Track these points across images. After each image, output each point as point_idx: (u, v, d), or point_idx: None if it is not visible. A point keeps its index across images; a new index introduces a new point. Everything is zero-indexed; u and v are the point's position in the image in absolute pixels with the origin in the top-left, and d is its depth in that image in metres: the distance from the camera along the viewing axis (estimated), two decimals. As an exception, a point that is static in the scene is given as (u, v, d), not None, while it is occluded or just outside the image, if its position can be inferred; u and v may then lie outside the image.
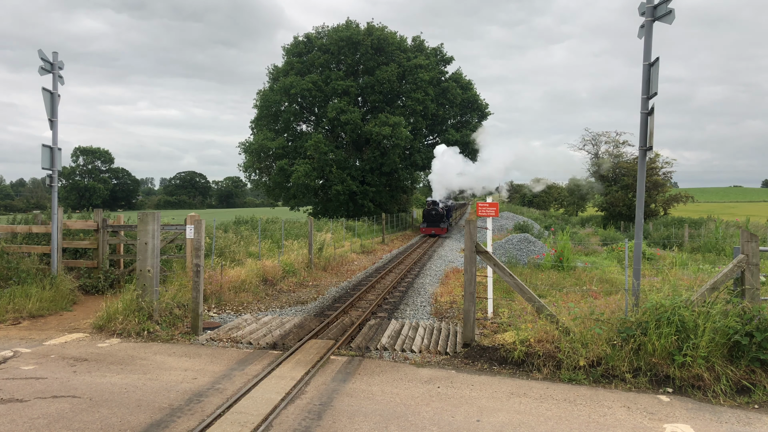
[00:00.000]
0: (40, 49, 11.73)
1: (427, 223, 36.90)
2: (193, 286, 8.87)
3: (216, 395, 6.19)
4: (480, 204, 10.44)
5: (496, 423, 5.53)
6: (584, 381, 6.80)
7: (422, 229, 37.14)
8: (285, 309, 11.59)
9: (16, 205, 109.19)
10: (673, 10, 7.15)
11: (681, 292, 7.31)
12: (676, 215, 48.18)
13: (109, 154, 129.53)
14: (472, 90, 46.09)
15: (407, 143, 40.57)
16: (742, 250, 7.21)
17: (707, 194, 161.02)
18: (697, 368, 6.50)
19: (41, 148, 11.46)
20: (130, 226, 13.01)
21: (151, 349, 8.12)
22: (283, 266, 15.29)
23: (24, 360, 7.42)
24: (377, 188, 42.58)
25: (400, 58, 42.24)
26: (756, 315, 6.57)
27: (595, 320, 7.39)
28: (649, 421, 5.65)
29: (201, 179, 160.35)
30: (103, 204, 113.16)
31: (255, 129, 44.94)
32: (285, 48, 44.52)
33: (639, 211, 7.80)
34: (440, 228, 36.37)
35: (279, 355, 7.91)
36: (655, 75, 7.41)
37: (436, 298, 12.97)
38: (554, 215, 58.65)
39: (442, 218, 36.66)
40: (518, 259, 19.04)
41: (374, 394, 6.28)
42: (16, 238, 12.67)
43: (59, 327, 9.38)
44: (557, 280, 14.39)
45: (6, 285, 10.79)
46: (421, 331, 9.37)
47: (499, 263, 8.21)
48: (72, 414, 5.55)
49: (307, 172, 38.63)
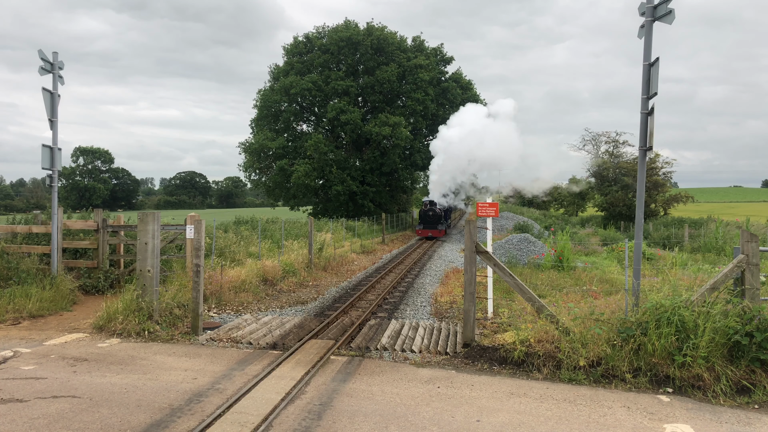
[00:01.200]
0: (40, 49, 11.74)
1: (423, 224, 34.14)
2: (193, 286, 8.87)
3: (216, 395, 6.19)
4: (480, 204, 10.44)
5: (496, 423, 5.53)
6: (584, 381, 6.80)
7: (418, 231, 34.29)
8: (285, 309, 11.59)
9: (16, 205, 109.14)
10: (673, 10, 7.15)
11: (681, 292, 7.30)
12: (676, 215, 48.20)
13: (109, 154, 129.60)
14: (472, 90, 46.13)
15: (407, 143, 40.56)
16: (742, 250, 7.21)
17: (707, 194, 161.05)
18: (697, 368, 6.50)
19: (41, 148, 11.45)
20: (130, 226, 13.02)
21: (151, 349, 8.12)
22: (283, 266, 15.29)
23: (24, 360, 7.42)
24: (377, 188, 42.59)
25: (400, 58, 42.25)
26: (756, 315, 6.56)
27: (595, 320, 7.39)
28: (649, 421, 5.65)
29: (201, 179, 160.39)
30: (103, 204, 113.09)
31: (255, 129, 44.96)
32: (285, 48, 44.55)
33: (639, 211, 7.80)
34: (438, 230, 33.60)
35: (279, 355, 7.91)
36: (655, 75, 7.41)
37: (436, 298, 12.97)
38: (554, 215, 58.61)
39: (439, 219, 33.92)
40: (518, 259, 19.04)
41: (374, 394, 6.28)
42: (16, 238, 12.66)
43: (59, 327, 9.38)
44: (557, 280, 14.39)
45: (6, 285, 10.79)
46: (421, 331, 9.37)
47: (499, 263, 8.21)
48: (72, 414, 5.55)
49: (307, 172, 38.64)
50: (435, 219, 33.46)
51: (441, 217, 34.07)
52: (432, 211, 33.43)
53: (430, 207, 33.55)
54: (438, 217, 33.66)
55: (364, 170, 41.74)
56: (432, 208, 33.48)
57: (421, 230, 33.90)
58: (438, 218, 33.65)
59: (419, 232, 34.06)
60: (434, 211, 33.49)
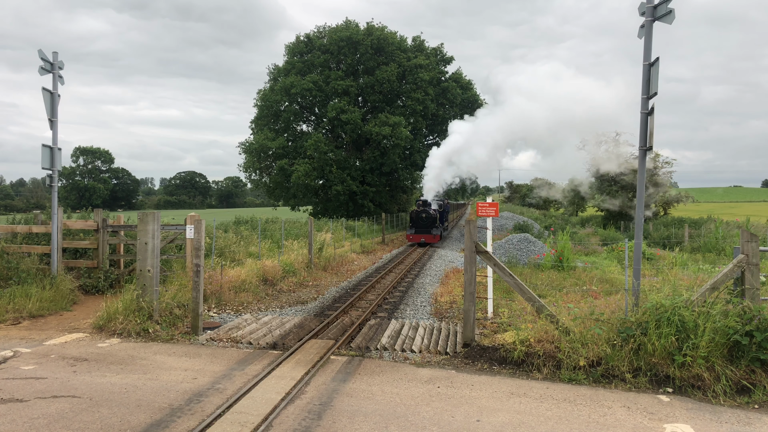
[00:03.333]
0: (40, 49, 11.75)
1: (415, 228, 28.92)
2: (193, 286, 8.87)
3: (216, 395, 6.19)
4: (480, 204, 10.44)
5: (496, 423, 5.53)
6: (584, 381, 6.80)
7: (409, 236, 28.96)
8: (285, 309, 11.59)
9: (16, 205, 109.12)
10: (673, 10, 7.15)
11: (681, 292, 7.31)
12: (677, 215, 48.16)
13: (109, 154, 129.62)
14: (472, 90, 46.12)
15: (407, 143, 40.55)
16: (742, 250, 7.21)
17: (707, 194, 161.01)
18: (697, 368, 6.50)
19: (41, 148, 11.46)
20: (130, 226, 13.02)
21: (151, 349, 8.12)
22: (283, 266, 15.29)
23: (24, 360, 7.42)
24: (377, 188, 42.58)
25: (400, 58, 42.25)
26: (756, 315, 6.56)
27: (595, 320, 7.39)
28: (649, 421, 5.65)
29: (201, 179, 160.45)
30: (103, 204, 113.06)
31: (255, 129, 44.97)
32: (287, 46, 44.52)
33: (639, 211, 7.79)
34: (432, 235, 28.49)
35: (279, 355, 7.91)
36: (655, 75, 7.41)
37: (436, 298, 12.97)
38: (554, 215, 58.60)
39: (434, 222, 28.93)
40: (518, 259, 19.05)
41: (374, 394, 6.28)
42: (16, 238, 12.66)
43: (59, 327, 9.38)
44: (557, 280, 14.40)
45: (6, 285, 10.79)
46: (421, 331, 9.37)
47: (499, 263, 8.21)
48: (72, 414, 5.55)
49: (307, 172, 38.63)
50: (429, 222, 28.76)
51: (436, 220, 29.19)
52: (425, 212, 28.68)
53: (424, 208, 28.94)
54: (432, 220, 28.83)
55: (364, 170, 41.74)
56: (425, 209, 28.87)
57: (413, 235, 28.86)
58: (432, 221, 28.84)
59: (410, 237, 28.97)
60: (428, 212, 28.73)
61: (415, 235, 28.61)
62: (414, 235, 28.63)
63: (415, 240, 28.55)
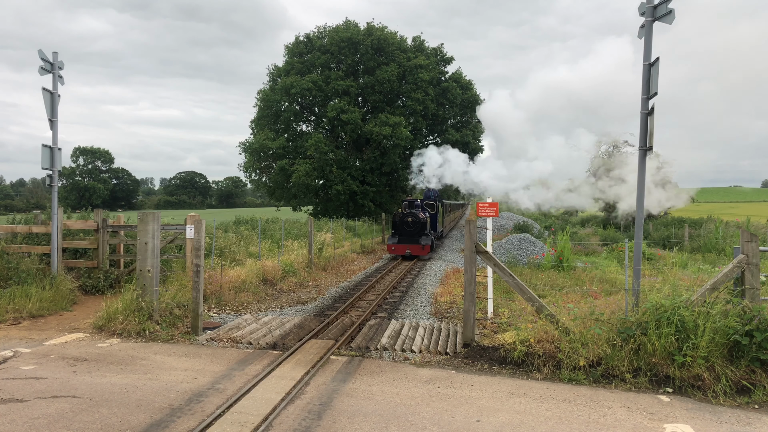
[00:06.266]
0: (40, 49, 11.74)
1: (399, 236, 22.29)
2: (193, 286, 8.87)
3: (216, 395, 6.19)
4: (480, 204, 10.44)
5: (496, 423, 5.53)
6: (584, 381, 6.80)
7: (390, 246, 22.12)
8: (285, 309, 11.59)
9: (16, 205, 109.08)
10: (673, 10, 7.15)
11: (681, 292, 7.31)
12: (676, 215, 48.14)
13: (109, 154, 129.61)
14: (473, 90, 46.10)
15: (407, 143, 40.54)
16: (742, 250, 7.21)
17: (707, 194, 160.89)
18: (697, 368, 6.50)
19: (41, 148, 11.46)
20: (130, 226, 13.01)
21: (151, 349, 8.12)
22: (283, 266, 15.29)
23: (24, 360, 7.42)
24: (377, 188, 42.58)
25: (400, 58, 42.25)
26: (756, 315, 6.56)
27: (595, 320, 7.39)
28: (649, 421, 5.65)
29: (201, 179, 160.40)
30: (103, 204, 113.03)
31: (255, 129, 44.97)
32: (287, 46, 44.52)
33: (639, 211, 7.79)
34: (419, 245, 21.62)
35: (279, 355, 7.91)
36: (655, 75, 7.41)
37: (436, 298, 12.97)
38: (554, 215, 58.60)
39: (423, 229, 22.33)
40: (518, 259, 19.06)
41: (374, 394, 6.28)
42: (16, 238, 12.66)
43: (59, 327, 9.38)
44: (557, 280, 14.40)
45: (6, 285, 10.79)
46: (421, 331, 9.37)
47: (499, 263, 8.21)
48: (72, 414, 5.55)
49: (308, 172, 38.62)
50: (416, 228, 22.21)
51: (425, 226, 22.65)
52: (412, 216, 22.27)
53: (410, 211, 22.62)
54: (421, 226, 22.30)
55: (364, 170, 41.74)
56: (412, 212, 22.52)
57: (395, 245, 21.97)
58: (421, 227, 22.30)
59: (391, 248, 22.04)
60: (415, 216, 22.28)
61: (398, 246, 21.92)
62: (397, 245, 21.94)
63: (398, 252, 21.84)
